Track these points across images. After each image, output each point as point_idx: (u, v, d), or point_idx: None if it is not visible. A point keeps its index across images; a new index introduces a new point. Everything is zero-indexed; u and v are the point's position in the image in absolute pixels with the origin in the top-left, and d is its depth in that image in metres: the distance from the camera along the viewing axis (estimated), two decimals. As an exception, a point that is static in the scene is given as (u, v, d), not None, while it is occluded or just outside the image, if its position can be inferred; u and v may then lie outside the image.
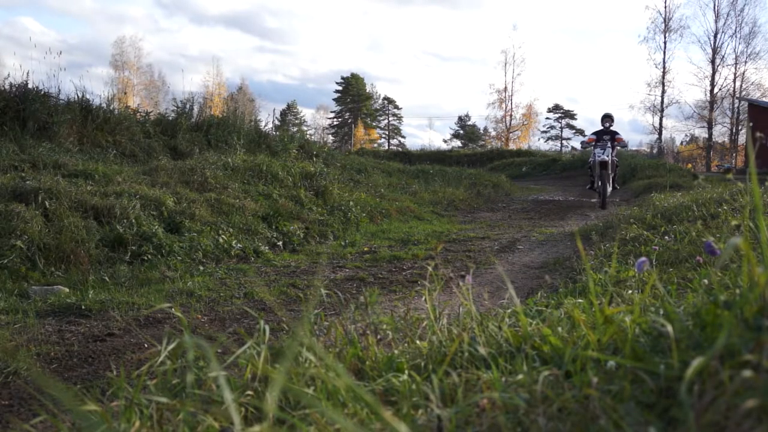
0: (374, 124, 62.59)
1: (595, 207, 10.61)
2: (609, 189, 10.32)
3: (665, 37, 37.63)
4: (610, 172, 10.22)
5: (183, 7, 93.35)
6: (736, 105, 37.21)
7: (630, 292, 1.89)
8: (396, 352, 1.39)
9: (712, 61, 36.93)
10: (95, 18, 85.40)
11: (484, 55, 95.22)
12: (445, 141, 61.49)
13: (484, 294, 2.19)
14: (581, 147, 10.14)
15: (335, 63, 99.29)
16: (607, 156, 10.02)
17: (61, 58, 12.24)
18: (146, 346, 2.85)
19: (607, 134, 10.32)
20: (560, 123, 58.89)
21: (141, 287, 4.08)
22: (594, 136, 10.45)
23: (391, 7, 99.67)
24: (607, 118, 10.53)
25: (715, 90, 37.10)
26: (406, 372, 1.21)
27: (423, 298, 1.64)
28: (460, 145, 57.42)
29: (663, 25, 37.64)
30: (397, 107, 63.75)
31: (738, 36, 36.49)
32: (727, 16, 36.66)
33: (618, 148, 10.57)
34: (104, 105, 8.96)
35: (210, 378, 1.21)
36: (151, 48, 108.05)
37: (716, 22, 36.74)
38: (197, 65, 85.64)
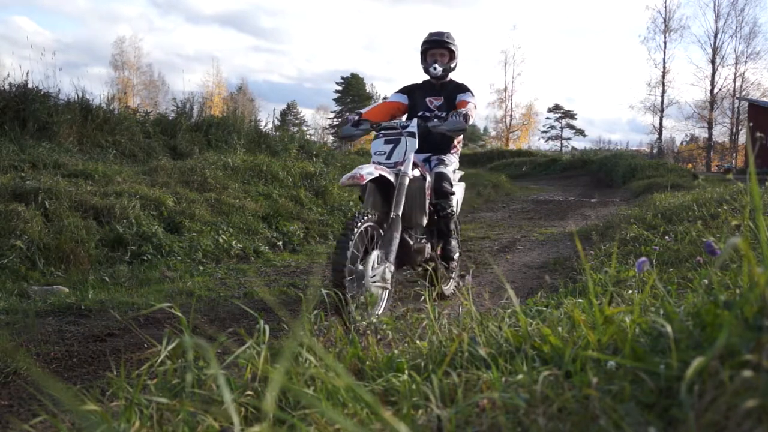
0: (374, 124, 62.54)
1: (595, 206, 10.24)
2: (386, 289, 2.94)
3: (665, 37, 37.63)
4: (395, 232, 3.02)
5: (177, 6, 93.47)
6: (736, 105, 37.21)
7: (630, 292, 1.89)
8: (396, 352, 1.39)
9: (712, 61, 36.92)
10: (89, 17, 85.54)
11: (482, 54, 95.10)
12: (445, 141, 61.35)
13: (484, 294, 2.19)
14: (342, 137, 3.58)
15: (331, 62, 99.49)
16: (400, 159, 3.24)
17: (57, 58, 12.24)
18: (146, 346, 2.84)
19: (435, 94, 3.82)
20: (560, 123, 58.84)
21: (141, 287, 4.08)
22: (400, 100, 3.88)
23: (384, 5, 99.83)
24: (437, 47, 3.73)
25: (715, 90, 37.11)
26: (406, 372, 1.21)
27: (423, 298, 1.64)
28: (460, 145, 57.31)
29: (663, 25, 37.64)
30: (397, 107, 63.71)
31: (738, 36, 36.53)
32: (727, 16, 36.69)
33: (458, 146, 3.86)
34: (104, 105, 8.96)
35: (210, 378, 1.21)
36: (149, 48, 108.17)
37: (716, 22, 36.76)
38: (193, 65, 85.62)
